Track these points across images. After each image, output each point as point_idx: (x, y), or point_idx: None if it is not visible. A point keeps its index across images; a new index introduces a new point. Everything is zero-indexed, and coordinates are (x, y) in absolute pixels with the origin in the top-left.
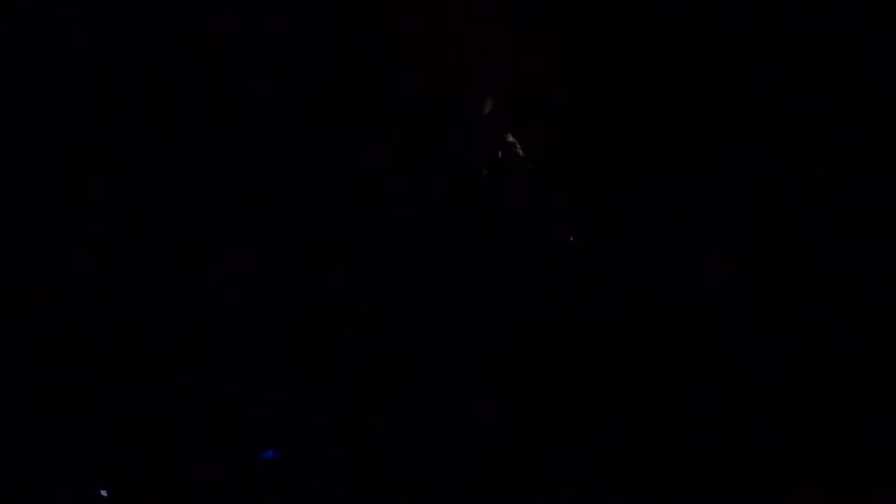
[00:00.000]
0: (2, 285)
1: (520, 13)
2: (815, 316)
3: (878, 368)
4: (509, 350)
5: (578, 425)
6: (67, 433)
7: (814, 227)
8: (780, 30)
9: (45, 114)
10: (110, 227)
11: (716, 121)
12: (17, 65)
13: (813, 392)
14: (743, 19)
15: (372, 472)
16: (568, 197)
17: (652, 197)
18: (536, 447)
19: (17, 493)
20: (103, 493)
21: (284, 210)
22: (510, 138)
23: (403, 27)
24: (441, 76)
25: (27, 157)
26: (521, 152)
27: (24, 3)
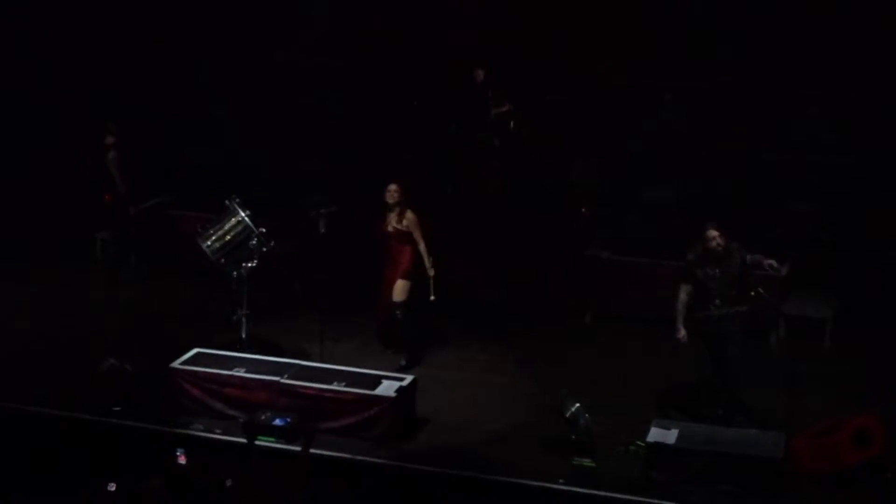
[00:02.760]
0: None
1: None
2: None
3: None
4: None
5: None
6: None
7: None
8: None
9: None
10: None
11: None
12: None
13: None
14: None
15: None
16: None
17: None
18: None
19: None
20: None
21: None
22: (506, 108)
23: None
24: (445, 54)
25: None
26: (530, 122)
27: None
